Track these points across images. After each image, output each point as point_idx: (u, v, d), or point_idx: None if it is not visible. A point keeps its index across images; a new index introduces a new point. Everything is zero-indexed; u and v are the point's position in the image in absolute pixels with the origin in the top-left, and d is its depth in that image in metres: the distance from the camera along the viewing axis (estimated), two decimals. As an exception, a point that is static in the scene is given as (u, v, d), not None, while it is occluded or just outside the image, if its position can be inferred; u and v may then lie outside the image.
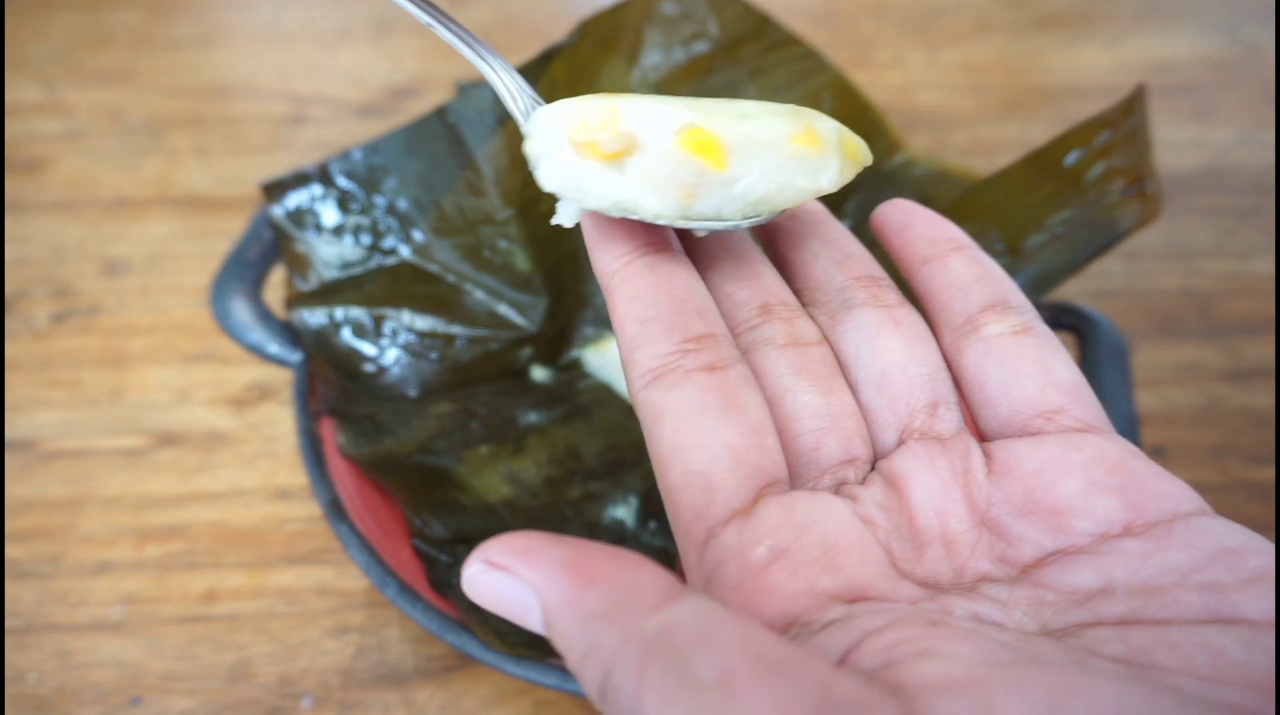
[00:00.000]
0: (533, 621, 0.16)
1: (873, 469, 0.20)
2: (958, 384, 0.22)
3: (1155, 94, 0.40)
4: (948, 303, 0.22)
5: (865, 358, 0.21)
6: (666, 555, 0.34)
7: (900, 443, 0.21)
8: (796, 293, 0.23)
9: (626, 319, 0.20)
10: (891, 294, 0.23)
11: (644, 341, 0.19)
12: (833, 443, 0.20)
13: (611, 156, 0.19)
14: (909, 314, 0.22)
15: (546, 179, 0.20)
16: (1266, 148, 0.52)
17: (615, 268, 0.20)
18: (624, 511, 0.35)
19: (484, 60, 0.23)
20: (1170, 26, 0.61)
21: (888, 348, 0.21)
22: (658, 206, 0.20)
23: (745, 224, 0.20)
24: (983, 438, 0.21)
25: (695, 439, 0.18)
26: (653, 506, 0.35)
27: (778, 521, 0.17)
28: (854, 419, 0.21)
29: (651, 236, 0.21)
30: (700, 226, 0.20)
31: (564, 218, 0.21)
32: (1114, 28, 0.61)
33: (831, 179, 0.20)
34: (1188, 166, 0.51)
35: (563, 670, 0.29)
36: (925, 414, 0.21)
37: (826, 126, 0.21)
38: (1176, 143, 0.52)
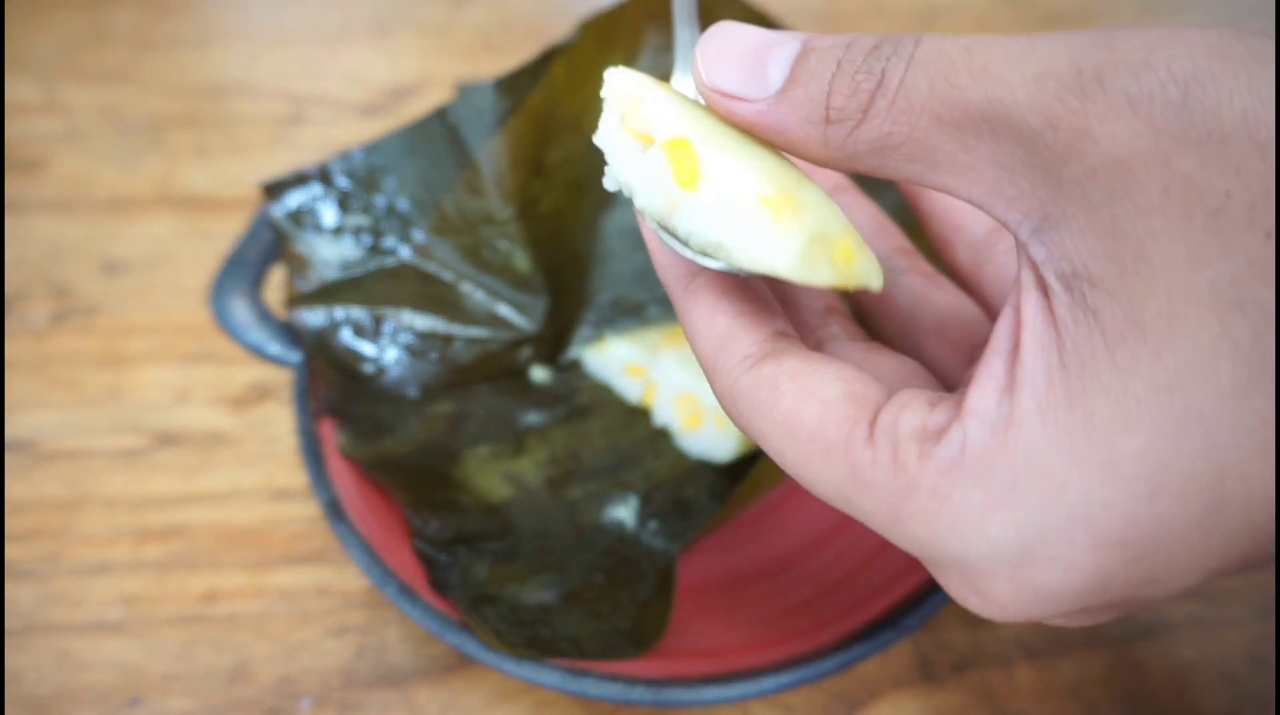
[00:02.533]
0: None
1: None
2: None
3: (1155, 94, 0.40)
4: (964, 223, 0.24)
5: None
6: (667, 556, 0.33)
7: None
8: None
9: (717, 313, 0.20)
10: (855, 325, 0.23)
11: (741, 332, 0.20)
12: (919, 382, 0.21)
13: (640, 135, 0.19)
14: (878, 346, 0.23)
15: (597, 135, 0.21)
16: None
17: (697, 270, 0.21)
18: (624, 511, 0.35)
19: (680, 14, 0.23)
20: (1170, 26, 0.61)
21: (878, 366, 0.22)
22: (647, 203, 0.20)
23: (705, 263, 0.19)
24: None
25: (820, 377, 0.18)
26: (653, 506, 0.35)
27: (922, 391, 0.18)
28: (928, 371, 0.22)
29: None
30: (670, 243, 0.20)
31: (607, 182, 0.21)
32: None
33: (788, 258, 0.18)
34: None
35: (563, 670, 0.29)
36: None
37: (815, 213, 0.18)
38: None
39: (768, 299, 0.21)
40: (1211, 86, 0.14)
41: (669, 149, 0.19)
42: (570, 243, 0.40)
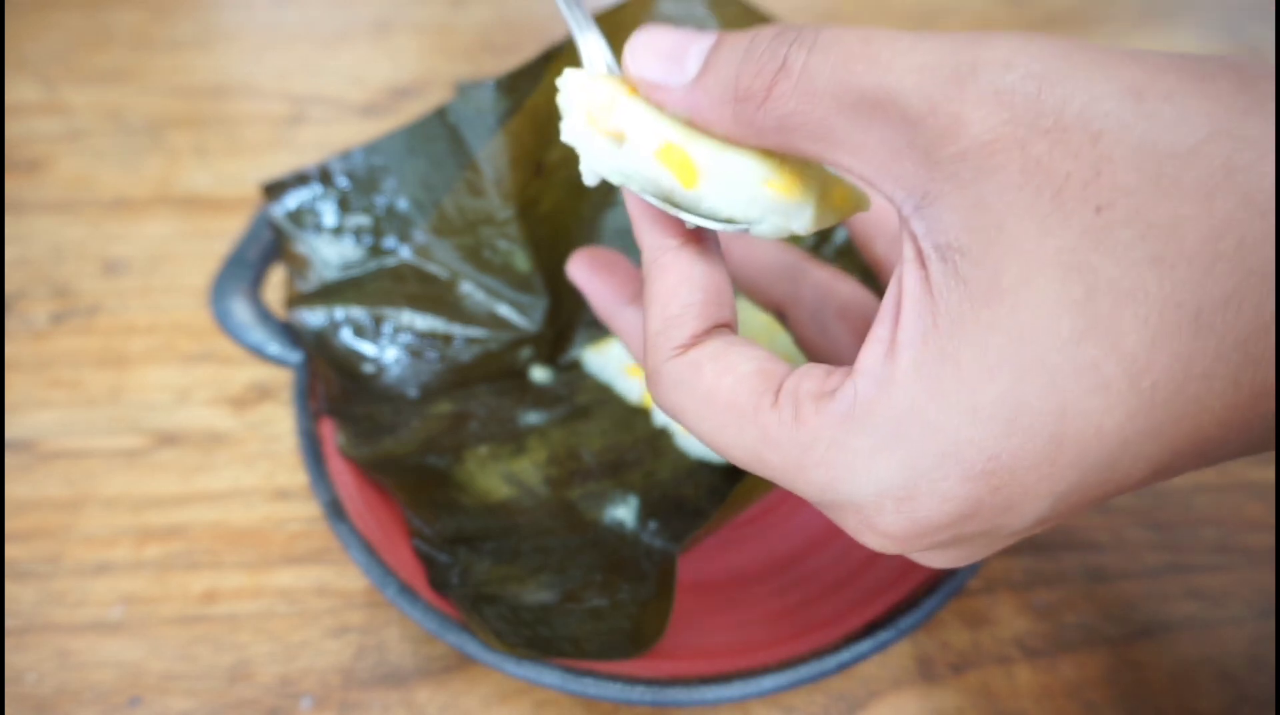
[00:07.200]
0: None
1: None
2: None
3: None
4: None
5: None
6: (667, 555, 0.33)
7: None
8: None
9: (673, 298, 0.22)
10: None
11: (687, 320, 0.22)
12: None
13: (612, 133, 0.21)
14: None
15: (564, 133, 0.22)
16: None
17: (670, 245, 0.22)
18: (624, 511, 0.35)
19: (575, 21, 0.25)
20: (1171, 25, 0.61)
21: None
22: (645, 190, 0.21)
23: (727, 228, 0.21)
24: None
25: (736, 356, 0.21)
26: (652, 506, 0.35)
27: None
28: None
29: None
30: (687, 219, 0.21)
31: (585, 177, 0.23)
32: (1114, 27, 0.61)
33: (804, 224, 0.21)
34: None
35: (563, 670, 0.29)
36: None
37: (812, 177, 0.21)
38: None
39: (722, 286, 0.23)
40: (1059, 84, 0.16)
41: (662, 155, 0.20)
42: (570, 243, 0.40)
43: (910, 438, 0.18)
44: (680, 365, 0.21)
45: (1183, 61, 0.16)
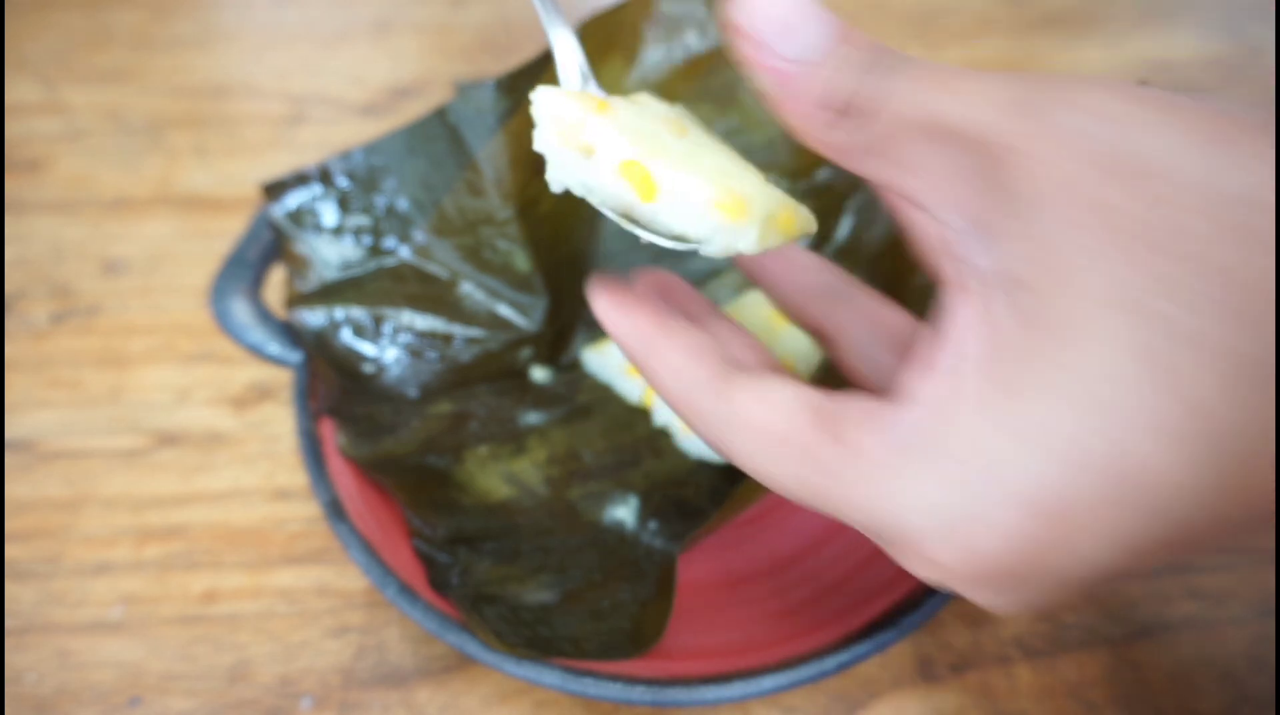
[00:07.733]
0: None
1: None
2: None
3: (1155, 94, 0.39)
4: None
5: None
6: (667, 556, 0.33)
7: None
8: None
9: (671, 352, 0.23)
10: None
11: (694, 364, 0.23)
12: None
13: (581, 148, 0.23)
14: None
15: (536, 143, 0.23)
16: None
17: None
18: (624, 511, 0.35)
19: (550, 23, 0.26)
20: (1171, 26, 0.61)
21: None
22: (605, 203, 0.23)
23: (676, 247, 0.22)
24: None
25: (768, 386, 0.22)
26: (652, 506, 0.35)
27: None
28: None
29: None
30: (642, 234, 0.22)
31: (551, 184, 0.24)
32: (1114, 27, 0.61)
33: (749, 244, 0.22)
34: (1188, 166, 0.51)
35: (563, 670, 0.29)
36: None
37: (761, 201, 0.22)
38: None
39: (717, 331, 0.24)
40: (1132, 128, 0.17)
41: (624, 170, 0.22)
42: (570, 243, 0.40)
43: (967, 468, 0.18)
44: (715, 402, 0.22)
45: (1249, 110, 0.17)
